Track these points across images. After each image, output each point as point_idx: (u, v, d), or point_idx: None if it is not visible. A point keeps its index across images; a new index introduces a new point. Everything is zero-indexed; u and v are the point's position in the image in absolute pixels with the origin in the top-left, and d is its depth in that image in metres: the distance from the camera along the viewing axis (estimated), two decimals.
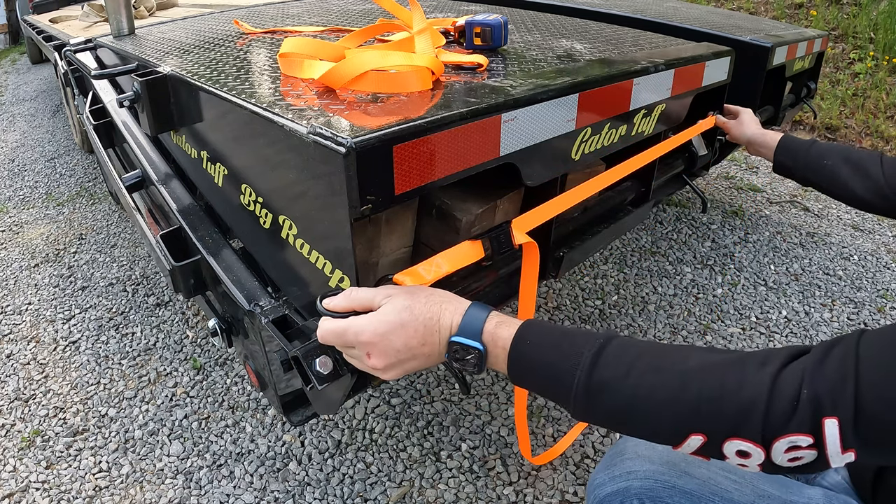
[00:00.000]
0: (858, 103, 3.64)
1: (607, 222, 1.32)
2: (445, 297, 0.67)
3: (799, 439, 0.50)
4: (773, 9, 4.52)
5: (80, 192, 3.07)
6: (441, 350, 0.66)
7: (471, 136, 0.80)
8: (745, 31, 1.83)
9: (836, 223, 2.58)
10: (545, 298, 2.04)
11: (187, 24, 1.84)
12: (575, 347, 0.61)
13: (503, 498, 1.36)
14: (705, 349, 0.59)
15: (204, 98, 0.98)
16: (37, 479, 1.44)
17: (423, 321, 0.64)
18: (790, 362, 0.54)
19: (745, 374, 0.53)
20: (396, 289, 0.68)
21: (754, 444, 0.52)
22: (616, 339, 0.61)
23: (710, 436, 0.54)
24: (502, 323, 0.64)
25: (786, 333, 1.88)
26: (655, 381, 0.56)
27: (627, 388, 0.57)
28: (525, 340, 0.62)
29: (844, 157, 1.18)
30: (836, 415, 0.49)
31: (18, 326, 2.01)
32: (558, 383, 0.61)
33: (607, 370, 0.58)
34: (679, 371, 0.56)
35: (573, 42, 1.35)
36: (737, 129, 1.43)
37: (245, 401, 1.64)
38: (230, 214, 1.06)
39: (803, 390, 0.51)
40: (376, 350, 0.65)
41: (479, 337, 0.64)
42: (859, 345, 0.52)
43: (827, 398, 0.50)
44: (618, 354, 0.59)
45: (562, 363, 0.60)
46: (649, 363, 0.58)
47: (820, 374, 0.51)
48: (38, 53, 5.96)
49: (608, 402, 0.58)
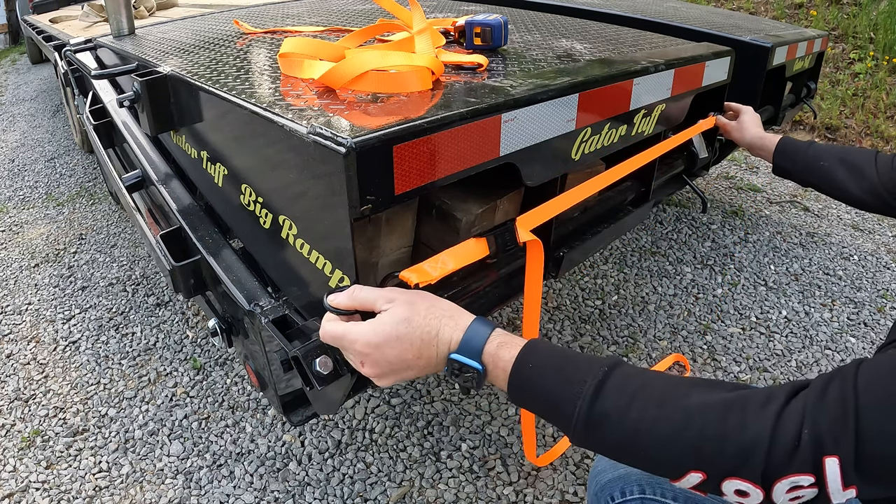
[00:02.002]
0: (858, 103, 3.64)
1: (607, 222, 1.32)
2: (447, 310, 0.66)
3: (800, 479, 0.50)
4: (773, 9, 4.52)
5: (80, 192, 3.07)
6: (439, 363, 0.65)
7: (471, 136, 0.80)
8: (745, 31, 1.83)
9: (836, 223, 2.58)
10: (545, 298, 2.03)
11: (187, 24, 1.84)
12: (578, 374, 0.60)
13: (503, 498, 1.36)
14: (708, 384, 0.58)
15: (204, 98, 0.98)
16: (37, 479, 1.44)
17: (419, 335, 0.64)
18: (791, 399, 0.53)
19: (746, 415, 0.53)
20: (399, 295, 0.67)
21: (754, 484, 0.52)
22: (619, 367, 0.60)
23: (709, 474, 0.54)
24: (504, 344, 0.63)
25: (786, 333, 1.88)
26: (658, 415, 0.56)
27: (629, 422, 0.56)
28: (527, 364, 0.61)
29: (840, 157, 1.19)
30: (836, 453, 0.49)
31: (18, 326, 2.02)
32: (558, 411, 0.60)
33: (609, 401, 0.57)
34: (682, 406, 0.56)
35: (573, 42, 1.35)
36: (737, 132, 1.43)
37: (245, 401, 1.64)
38: (230, 214, 1.06)
39: (804, 430, 0.51)
40: (369, 360, 0.65)
41: (478, 357, 0.63)
42: (857, 378, 0.52)
43: (828, 436, 0.50)
44: (620, 385, 0.58)
45: (563, 391, 0.60)
46: (652, 396, 0.57)
47: (820, 411, 0.51)
48: (38, 53, 5.97)
49: (609, 434, 0.58)
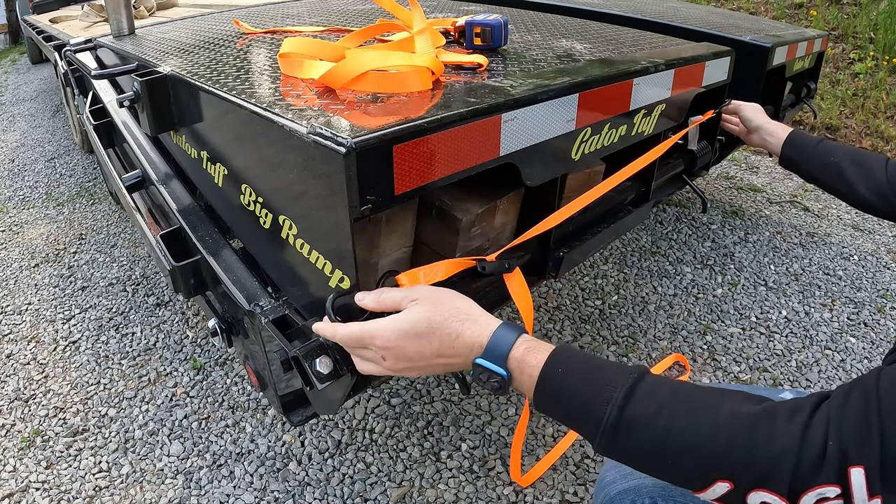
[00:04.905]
0: (858, 103, 3.64)
1: (607, 222, 1.32)
2: (471, 313, 0.66)
3: (827, 490, 0.50)
4: (773, 9, 4.52)
5: (80, 192, 3.07)
6: (462, 363, 0.65)
7: (471, 136, 0.80)
8: (745, 31, 1.83)
9: (836, 223, 2.58)
10: (545, 298, 2.04)
11: (187, 24, 1.84)
12: (608, 381, 0.60)
13: (503, 498, 1.36)
14: (738, 394, 0.58)
15: (204, 98, 0.98)
16: (37, 479, 1.44)
17: (439, 336, 0.64)
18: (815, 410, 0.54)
19: (775, 426, 0.53)
20: (424, 293, 0.68)
21: (780, 497, 0.52)
22: (648, 374, 0.60)
23: (737, 484, 0.54)
24: (532, 349, 0.63)
25: (786, 333, 1.88)
26: (687, 423, 0.56)
27: (659, 428, 0.57)
28: (556, 368, 0.62)
29: (851, 156, 1.20)
30: (861, 463, 0.49)
31: (18, 326, 2.01)
32: (587, 416, 0.60)
33: (639, 407, 0.58)
34: (712, 416, 0.56)
35: (573, 42, 1.35)
36: (749, 112, 1.44)
37: (245, 401, 1.64)
38: (230, 214, 1.06)
39: (829, 441, 0.51)
40: (391, 354, 0.66)
41: (504, 362, 0.63)
42: (879, 387, 0.52)
43: (852, 446, 0.50)
44: (650, 392, 0.58)
45: (593, 396, 0.60)
46: (682, 405, 0.57)
47: (845, 420, 0.51)
48: (38, 53, 5.97)
49: (636, 440, 0.58)
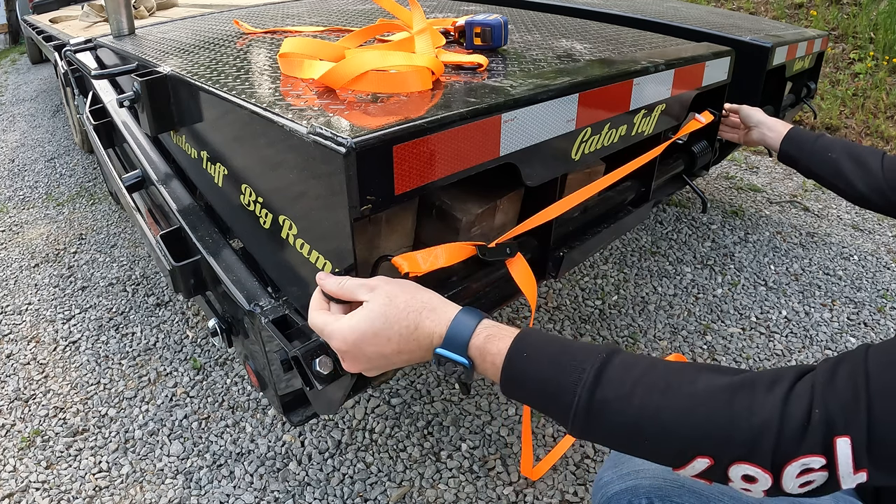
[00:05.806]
0: (858, 103, 3.64)
1: (607, 222, 1.32)
2: (429, 302, 0.64)
3: (811, 461, 0.49)
4: (773, 9, 4.52)
5: (80, 192, 3.07)
6: (424, 355, 0.63)
7: (471, 136, 0.80)
8: (745, 31, 1.83)
9: (836, 223, 2.58)
10: (545, 298, 2.04)
11: (187, 24, 1.84)
12: (576, 362, 0.58)
13: (503, 498, 1.36)
14: (712, 369, 0.57)
15: (204, 98, 0.98)
16: (37, 479, 1.44)
17: (398, 330, 0.62)
18: (797, 382, 0.53)
19: (754, 398, 0.52)
20: (379, 286, 0.65)
21: (762, 469, 0.51)
22: (618, 354, 0.58)
23: (717, 459, 0.53)
24: (492, 336, 0.61)
25: (786, 333, 1.88)
26: (662, 401, 0.54)
27: (632, 408, 0.55)
28: (521, 353, 0.59)
29: (848, 151, 1.21)
30: (848, 433, 0.48)
31: (18, 326, 2.01)
32: (556, 400, 0.58)
33: (610, 388, 0.56)
34: (687, 392, 0.54)
35: (573, 42, 1.35)
36: (748, 109, 1.47)
37: (245, 401, 1.64)
38: (230, 214, 1.06)
39: (815, 409, 0.50)
40: (348, 357, 0.65)
41: (464, 351, 0.61)
42: (867, 361, 0.51)
43: (839, 416, 0.49)
44: (621, 372, 0.57)
45: (562, 379, 0.57)
46: (655, 382, 0.56)
47: (831, 393, 0.50)
48: (38, 53, 5.97)
49: (611, 421, 0.56)
